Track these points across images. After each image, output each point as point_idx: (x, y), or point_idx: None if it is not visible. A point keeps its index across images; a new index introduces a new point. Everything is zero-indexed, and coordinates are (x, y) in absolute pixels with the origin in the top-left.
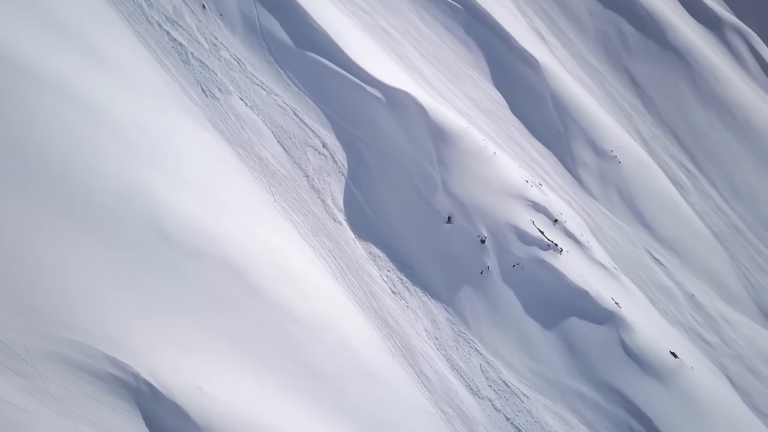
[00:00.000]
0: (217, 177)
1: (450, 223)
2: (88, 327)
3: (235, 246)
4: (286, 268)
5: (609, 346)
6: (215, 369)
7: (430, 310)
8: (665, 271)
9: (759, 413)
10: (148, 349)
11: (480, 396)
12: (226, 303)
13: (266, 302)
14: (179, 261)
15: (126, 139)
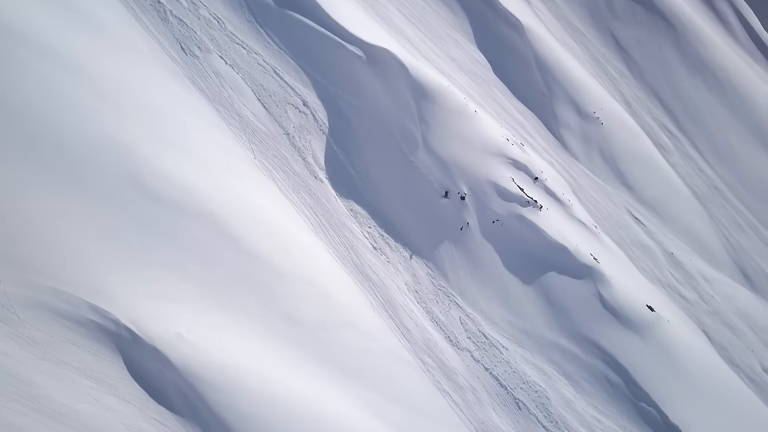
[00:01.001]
0: (196, 133)
1: (446, 198)
2: (70, 276)
3: (216, 200)
4: (267, 223)
5: (587, 299)
6: (196, 318)
7: (410, 265)
8: (645, 230)
9: (734, 366)
10: (128, 298)
11: (459, 347)
12: (207, 255)
13: (247, 255)
14: (159, 215)
15: (105, 96)
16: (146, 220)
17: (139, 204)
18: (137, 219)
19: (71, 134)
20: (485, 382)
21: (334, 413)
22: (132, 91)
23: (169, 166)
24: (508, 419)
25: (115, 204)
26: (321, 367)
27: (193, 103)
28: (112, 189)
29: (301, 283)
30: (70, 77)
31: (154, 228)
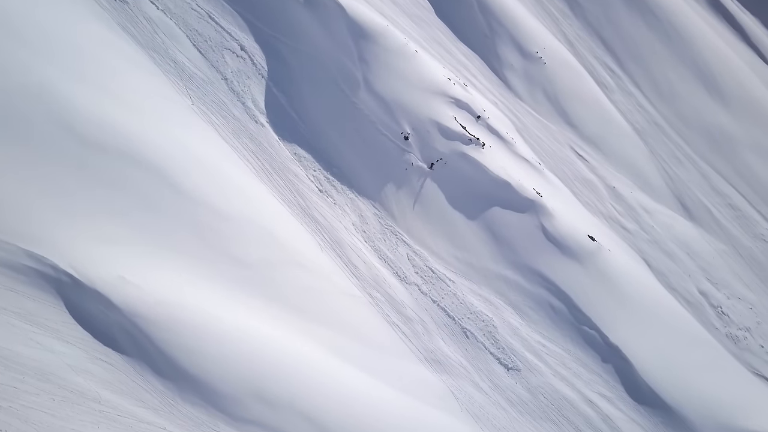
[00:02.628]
0: (131, 80)
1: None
2: (3, 224)
3: (154, 146)
4: (208, 168)
5: (530, 232)
6: (139, 261)
7: (357, 206)
8: (588, 166)
9: (672, 290)
10: (66, 244)
11: (407, 282)
12: (148, 200)
13: (189, 199)
14: (96, 161)
15: (31, 44)
16: (82, 167)
17: (74, 151)
18: (73, 166)
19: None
20: (433, 314)
21: (285, 348)
22: (61, 38)
23: (102, 113)
24: (457, 347)
25: (49, 151)
26: (270, 305)
27: (125, 50)
28: (46, 137)
29: (247, 225)
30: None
31: (91, 174)
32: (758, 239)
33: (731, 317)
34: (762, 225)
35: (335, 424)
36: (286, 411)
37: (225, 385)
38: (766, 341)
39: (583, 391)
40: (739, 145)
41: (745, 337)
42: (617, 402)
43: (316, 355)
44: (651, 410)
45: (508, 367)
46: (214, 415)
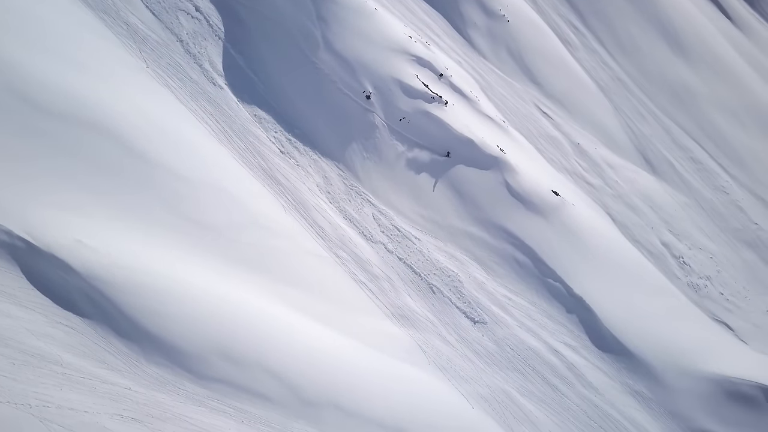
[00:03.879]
0: (82, 44)
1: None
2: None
3: (110, 110)
4: (166, 131)
5: (494, 188)
6: (96, 225)
7: (321, 167)
8: (553, 123)
9: (635, 242)
10: (21, 210)
11: (373, 241)
12: (105, 165)
13: (147, 163)
14: (50, 127)
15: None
16: (36, 133)
17: (27, 117)
18: (26, 132)
19: None
20: (400, 271)
21: (250, 308)
22: (6, 3)
23: (54, 78)
24: (423, 303)
25: (2, 119)
26: (234, 266)
27: (75, 13)
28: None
29: (208, 188)
30: None
31: (46, 140)
32: (719, 191)
33: (692, 267)
34: (722, 177)
35: (304, 380)
36: (252, 368)
37: (189, 344)
38: (725, 289)
39: (549, 341)
40: (701, 99)
41: (705, 285)
42: (582, 350)
43: (283, 315)
44: (614, 357)
45: (475, 320)
46: (179, 374)
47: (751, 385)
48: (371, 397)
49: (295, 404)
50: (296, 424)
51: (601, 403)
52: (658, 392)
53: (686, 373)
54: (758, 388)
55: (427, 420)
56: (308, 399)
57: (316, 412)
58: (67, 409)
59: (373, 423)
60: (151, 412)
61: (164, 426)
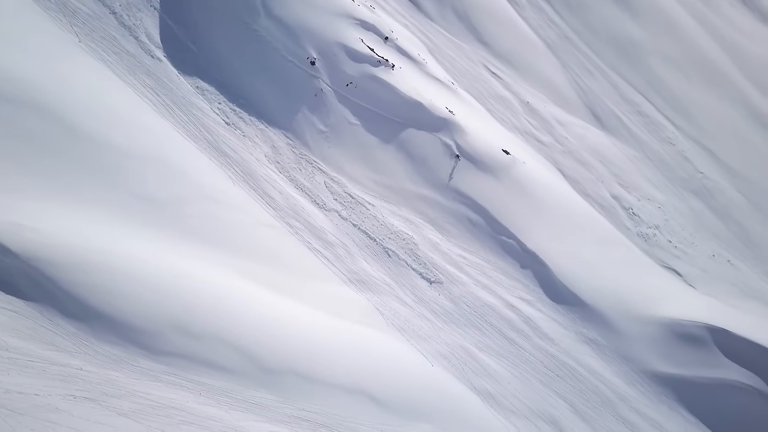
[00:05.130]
0: (5, 19)
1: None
2: None
3: (43, 87)
4: (105, 106)
5: (445, 150)
6: (35, 206)
7: (268, 137)
8: (502, 83)
9: (586, 196)
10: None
11: (326, 209)
12: (44, 145)
13: (86, 139)
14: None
15: None
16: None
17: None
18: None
19: None
20: (354, 237)
21: (204, 281)
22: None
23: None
24: (380, 266)
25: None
26: (184, 240)
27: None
28: None
29: (152, 163)
30: None
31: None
32: (665, 143)
33: (642, 217)
34: (669, 129)
35: (262, 349)
36: (209, 340)
37: (141, 320)
38: (673, 237)
39: (505, 296)
40: (647, 53)
41: (654, 234)
42: (537, 304)
43: (238, 285)
44: (569, 308)
45: (431, 280)
46: (132, 351)
47: (698, 325)
48: (330, 361)
49: (254, 373)
50: (256, 393)
51: (557, 353)
52: (612, 339)
53: (637, 318)
54: (705, 328)
55: (388, 380)
56: (267, 367)
57: (276, 380)
58: (16, 393)
59: (333, 386)
60: (105, 390)
61: (120, 403)
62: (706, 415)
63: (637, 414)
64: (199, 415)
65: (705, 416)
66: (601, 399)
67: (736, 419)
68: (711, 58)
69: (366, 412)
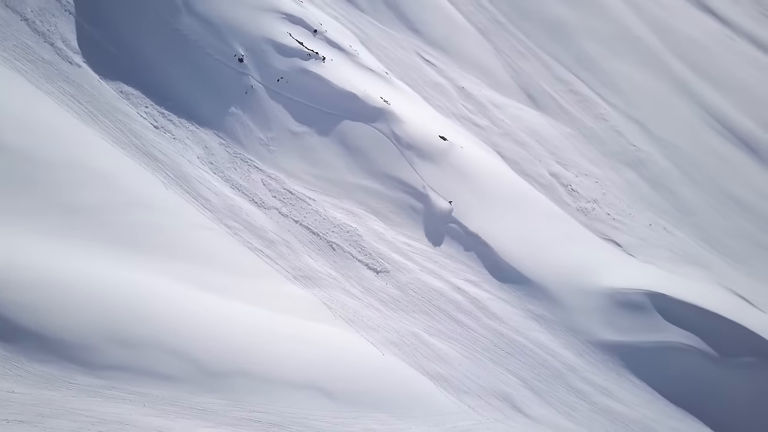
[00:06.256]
0: None
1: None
2: None
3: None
4: (20, 117)
5: (382, 140)
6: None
7: (200, 138)
8: (436, 69)
9: (526, 176)
10: None
11: (265, 207)
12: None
13: (4, 153)
14: None
15: None
16: None
17: None
18: None
19: None
20: (297, 233)
21: (139, 289)
22: None
23: None
24: (325, 261)
25: None
26: (119, 249)
27: None
28: None
29: (78, 172)
30: None
31: None
32: (599, 119)
33: (580, 192)
34: (601, 106)
35: (206, 353)
36: (149, 350)
37: (75, 335)
38: (611, 209)
39: (451, 280)
40: (576, 33)
41: (593, 208)
42: (483, 284)
43: (176, 291)
44: (514, 286)
45: (377, 270)
46: (67, 368)
47: (638, 292)
48: (279, 359)
49: (199, 378)
50: (203, 398)
51: (506, 330)
52: (558, 312)
53: (581, 291)
54: (645, 294)
55: (339, 373)
56: (213, 371)
57: (224, 383)
58: None
59: (284, 384)
60: (41, 411)
61: (58, 423)
62: (652, 377)
63: (587, 383)
64: (143, 427)
65: (651, 379)
66: (552, 372)
67: (680, 379)
68: (637, 34)
69: (319, 407)
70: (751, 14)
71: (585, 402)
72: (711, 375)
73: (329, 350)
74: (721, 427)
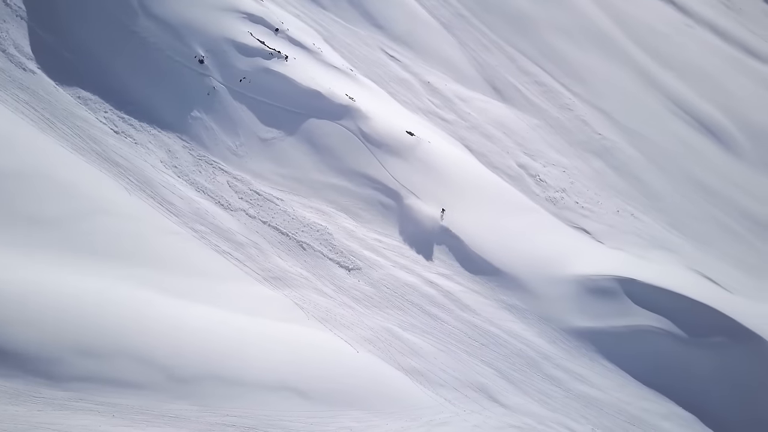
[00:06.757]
0: None
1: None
2: None
3: None
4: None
5: (349, 137)
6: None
7: (163, 141)
8: (401, 65)
9: (494, 168)
10: None
11: (232, 209)
12: None
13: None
14: None
15: None
16: None
17: None
18: None
19: None
20: (266, 234)
21: (105, 297)
22: None
23: None
24: (295, 261)
25: None
26: (83, 258)
27: None
28: None
29: (37, 181)
30: None
31: None
32: (564, 109)
33: (548, 182)
34: (566, 96)
35: (174, 360)
36: (116, 359)
37: (38, 348)
38: (580, 197)
39: (423, 274)
40: (539, 25)
41: (562, 197)
42: (455, 277)
43: (143, 298)
44: (486, 278)
45: (349, 268)
46: (32, 382)
47: (608, 278)
48: (251, 361)
49: (168, 385)
50: (174, 405)
51: (479, 322)
52: (530, 302)
53: (552, 279)
54: (614, 279)
55: (314, 373)
56: (182, 377)
57: (195, 389)
58: None
59: (257, 387)
60: (5, 427)
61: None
62: (624, 361)
63: (561, 370)
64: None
65: (623, 362)
66: (526, 361)
67: (651, 361)
68: (599, 25)
69: (294, 408)
70: (710, 3)
71: (560, 389)
72: (681, 356)
73: (302, 350)
74: (692, 405)
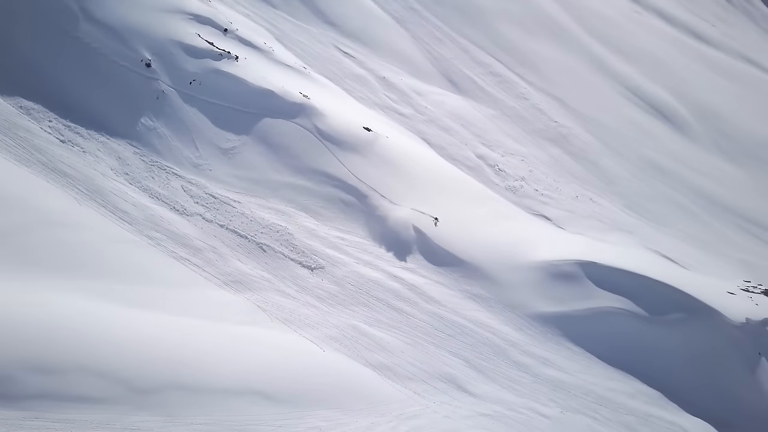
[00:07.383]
0: None
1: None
2: None
3: None
4: None
5: (305, 135)
6: None
7: (112, 149)
8: (356, 61)
9: (453, 160)
10: None
11: (188, 214)
12: None
13: None
14: None
15: None
16: None
17: None
18: None
19: None
20: (223, 238)
21: (59, 312)
22: None
23: None
24: (256, 263)
25: None
26: (32, 272)
27: None
28: None
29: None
30: None
31: None
32: (520, 98)
33: (507, 172)
34: (521, 85)
35: (134, 371)
36: (71, 374)
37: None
38: (539, 185)
39: (387, 269)
40: (491, 16)
41: (521, 185)
42: (419, 270)
43: (97, 310)
44: (450, 269)
45: (312, 267)
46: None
47: (569, 263)
48: (215, 367)
49: (129, 397)
50: (136, 417)
51: (445, 313)
52: (494, 290)
53: (515, 267)
54: (576, 264)
55: (279, 374)
56: (142, 387)
57: (157, 399)
58: None
59: (222, 392)
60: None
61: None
62: (589, 343)
63: (528, 356)
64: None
65: (589, 344)
66: (493, 349)
67: (614, 341)
68: (550, 13)
69: (262, 412)
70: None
71: (528, 374)
72: (643, 334)
73: (267, 353)
74: (657, 381)
